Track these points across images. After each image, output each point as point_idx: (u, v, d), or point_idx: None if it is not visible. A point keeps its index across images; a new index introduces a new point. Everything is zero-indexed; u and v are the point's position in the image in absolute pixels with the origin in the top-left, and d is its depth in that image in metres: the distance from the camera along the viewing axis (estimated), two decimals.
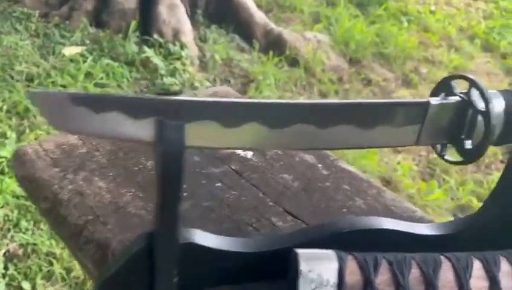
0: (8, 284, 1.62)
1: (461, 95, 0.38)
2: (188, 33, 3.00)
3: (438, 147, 0.40)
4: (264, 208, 0.52)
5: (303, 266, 0.39)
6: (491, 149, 2.70)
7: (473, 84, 0.37)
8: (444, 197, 2.37)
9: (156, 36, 2.86)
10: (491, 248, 0.44)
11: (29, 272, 1.68)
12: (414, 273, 0.41)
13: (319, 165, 0.61)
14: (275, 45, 3.17)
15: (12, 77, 2.50)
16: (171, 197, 0.31)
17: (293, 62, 3.07)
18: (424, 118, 0.37)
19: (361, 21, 3.73)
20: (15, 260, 1.72)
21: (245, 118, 0.31)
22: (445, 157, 0.40)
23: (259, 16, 3.36)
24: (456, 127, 0.38)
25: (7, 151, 1.97)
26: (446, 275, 0.42)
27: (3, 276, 1.63)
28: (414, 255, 0.42)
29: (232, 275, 0.41)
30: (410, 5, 4.29)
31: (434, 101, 0.37)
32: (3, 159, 1.95)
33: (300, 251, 0.40)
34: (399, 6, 4.25)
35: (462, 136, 0.38)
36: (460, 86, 0.40)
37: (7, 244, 1.74)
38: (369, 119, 0.35)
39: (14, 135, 2.08)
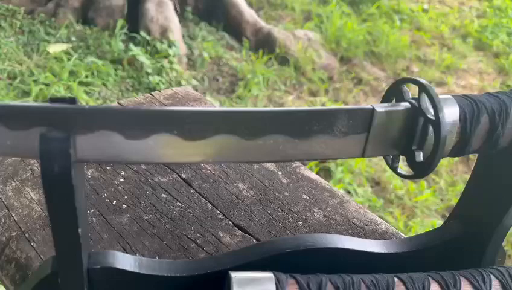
0: None
1: (412, 101, 0.34)
2: (176, 31, 2.95)
3: (389, 158, 0.36)
4: (212, 222, 0.47)
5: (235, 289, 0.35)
6: None
7: (423, 89, 0.33)
8: (433, 199, 2.34)
9: (143, 34, 2.81)
10: (451, 267, 0.40)
11: None
12: None
13: (279, 173, 0.57)
14: (264, 43, 3.12)
15: None
16: (62, 218, 0.27)
17: (283, 60, 3.02)
18: (370, 127, 0.32)
19: (353, 19, 3.69)
20: None
21: (150, 128, 0.27)
22: (398, 170, 0.36)
23: (249, 14, 3.31)
24: (406, 136, 0.34)
25: None
26: None
27: None
28: (364, 277, 0.38)
29: None
30: (403, 4, 4.25)
31: (380, 108, 0.32)
32: None
33: (235, 274, 0.36)
34: (391, 5, 4.21)
35: (413, 147, 0.34)
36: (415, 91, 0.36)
37: None
38: (305, 128, 0.31)
39: None
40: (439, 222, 2.14)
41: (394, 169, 0.36)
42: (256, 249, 0.39)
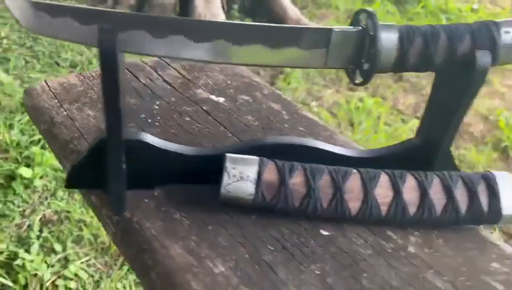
0: (41, 245, 1.78)
1: (363, 26, 0.45)
2: None
3: (349, 72, 0.48)
4: (222, 138, 0.61)
5: (228, 164, 0.48)
6: None
7: (370, 16, 0.45)
8: None
9: None
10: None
11: (61, 236, 1.83)
12: (325, 179, 0.49)
13: (283, 112, 0.69)
14: None
15: (58, 64, 2.72)
16: (110, 91, 0.41)
17: None
18: (329, 43, 0.44)
19: (397, 18, 3.72)
20: (49, 225, 1.88)
21: (170, 31, 0.41)
22: (355, 81, 0.48)
23: (293, 11, 3.44)
24: (357, 52, 0.45)
25: None
26: (353, 182, 0.49)
27: (38, 238, 1.79)
28: (329, 166, 0.50)
29: (177, 176, 0.51)
30: (451, 3, 4.22)
31: (337, 28, 0.44)
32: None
33: (229, 155, 0.49)
34: (439, 4, 4.19)
35: (363, 61, 0.45)
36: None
37: (43, 211, 1.91)
38: (278, 40, 0.43)
39: None
40: None
41: (352, 80, 0.48)
42: (248, 143, 0.52)
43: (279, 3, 3.39)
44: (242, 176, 0.47)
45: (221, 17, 3.20)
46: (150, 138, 0.48)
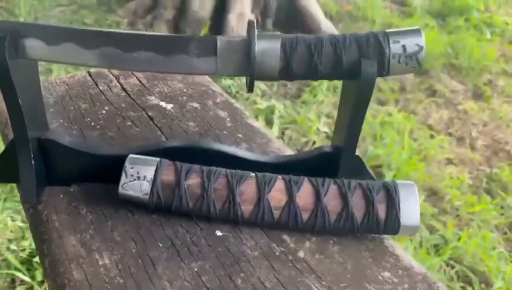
0: None
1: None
2: None
3: (246, 79, 0.49)
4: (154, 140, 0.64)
5: (127, 164, 0.51)
6: None
7: (250, 24, 0.46)
8: (494, 213, 2.22)
9: None
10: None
11: None
12: (220, 181, 0.51)
13: (227, 119, 0.71)
14: None
15: None
16: (7, 94, 0.45)
17: None
18: (216, 52, 0.46)
19: (436, 31, 3.62)
20: None
21: (62, 38, 0.45)
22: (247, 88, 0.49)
23: (327, 25, 3.44)
24: (245, 61, 0.47)
25: None
26: (249, 185, 0.50)
27: None
28: (228, 169, 0.51)
29: (91, 175, 0.55)
30: (497, 17, 4.05)
31: (222, 38, 0.46)
32: None
33: (131, 155, 0.52)
34: (483, 18, 4.03)
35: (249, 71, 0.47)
36: None
37: None
38: (167, 48, 0.46)
39: None
40: (493, 235, 2.05)
41: (248, 88, 0.50)
42: (157, 143, 0.55)
43: (313, 17, 3.41)
44: (139, 175, 0.50)
45: None
46: (59, 137, 0.52)
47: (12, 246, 1.88)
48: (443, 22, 3.93)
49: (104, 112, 0.69)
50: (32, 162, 0.50)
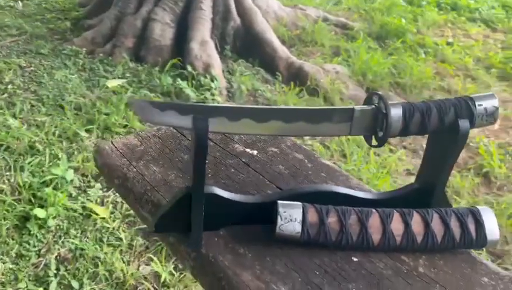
0: (59, 283, 1.88)
1: (376, 104, 0.62)
2: (217, 66, 3.31)
3: (367, 137, 0.64)
4: (263, 185, 0.76)
5: (280, 209, 0.63)
6: (505, 172, 2.80)
7: (381, 98, 0.61)
8: None
9: (189, 69, 3.19)
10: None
11: (77, 273, 1.93)
12: (353, 218, 0.64)
13: (306, 161, 0.85)
14: (296, 77, 3.45)
15: (62, 107, 2.85)
16: (199, 160, 0.56)
17: (313, 92, 3.33)
18: (352, 118, 0.60)
19: (379, 53, 3.97)
20: (65, 263, 1.98)
21: (240, 116, 0.56)
22: (372, 143, 0.64)
23: (282, 50, 3.66)
24: (373, 124, 0.61)
25: (60, 170, 2.27)
26: (374, 219, 0.64)
27: (55, 276, 1.89)
28: (355, 208, 0.65)
29: (237, 219, 0.66)
30: (428, 38, 4.50)
31: (357, 108, 0.61)
32: (56, 176, 2.24)
33: (280, 201, 0.64)
34: (417, 39, 4.47)
35: (377, 129, 0.61)
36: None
37: (58, 250, 2.01)
38: (316, 118, 0.59)
39: (64, 156, 2.38)
40: None
41: (369, 143, 0.64)
42: (290, 191, 0.67)
43: (269, 44, 3.60)
44: (291, 218, 0.62)
45: (215, 57, 3.39)
46: (219, 191, 0.63)
47: (10, 289, 1.84)
48: (383, 44, 4.31)
49: (206, 161, 0.80)
50: (203, 213, 0.60)
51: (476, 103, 0.63)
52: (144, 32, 3.50)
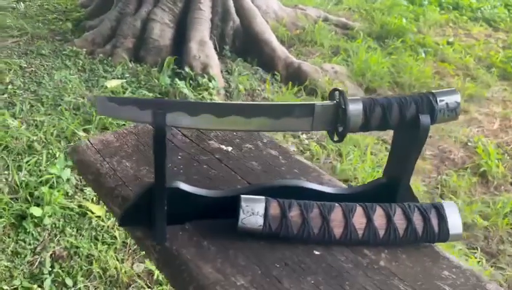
0: (53, 281, 1.90)
1: (337, 100, 0.63)
2: (215, 66, 3.32)
3: (329, 132, 0.65)
4: (234, 181, 0.77)
5: (243, 203, 0.64)
6: (502, 172, 2.78)
7: (341, 94, 0.62)
8: None
9: (187, 69, 3.20)
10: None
11: (72, 271, 1.95)
12: (315, 211, 0.65)
13: (280, 157, 0.86)
14: (295, 76, 3.46)
15: (61, 106, 2.87)
16: (159, 154, 0.57)
17: (311, 91, 3.33)
18: (313, 113, 0.61)
19: (378, 53, 3.96)
20: (60, 261, 2.00)
21: (200, 111, 0.58)
22: (334, 138, 0.65)
23: (281, 50, 3.66)
24: (334, 119, 0.62)
25: (56, 169, 2.29)
26: (337, 213, 0.65)
27: (50, 273, 1.91)
28: (317, 202, 0.66)
29: (202, 213, 0.67)
30: (428, 38, 4.48)
31: (318, 103, 0.62)
32: (53, 176, 2.26)
33: (243, 196, 0.65)
34: (417, 39, 4.45)
35: (338, 125, 0.62)
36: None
37: (54, 248, 2.03)
38: (278, 113, 0.60)
39: (62, 156, 2.40)
40: None
41: (332, 138, 0.65)
42: (256, 185, 0.68)
43: (268, 44, 3.61)
44: (253, 211, 0.63)
45: (213, 57, 3.40)
46: (183, 185, 0.65)
47: (5, 286, 1.87)
48: (383, 44, 4.30)
49: (179, 158, 0.81)
50: (166, 207, 0.62)
51: (438, 99, 0.64)
52: (143, 32, 3.53)
